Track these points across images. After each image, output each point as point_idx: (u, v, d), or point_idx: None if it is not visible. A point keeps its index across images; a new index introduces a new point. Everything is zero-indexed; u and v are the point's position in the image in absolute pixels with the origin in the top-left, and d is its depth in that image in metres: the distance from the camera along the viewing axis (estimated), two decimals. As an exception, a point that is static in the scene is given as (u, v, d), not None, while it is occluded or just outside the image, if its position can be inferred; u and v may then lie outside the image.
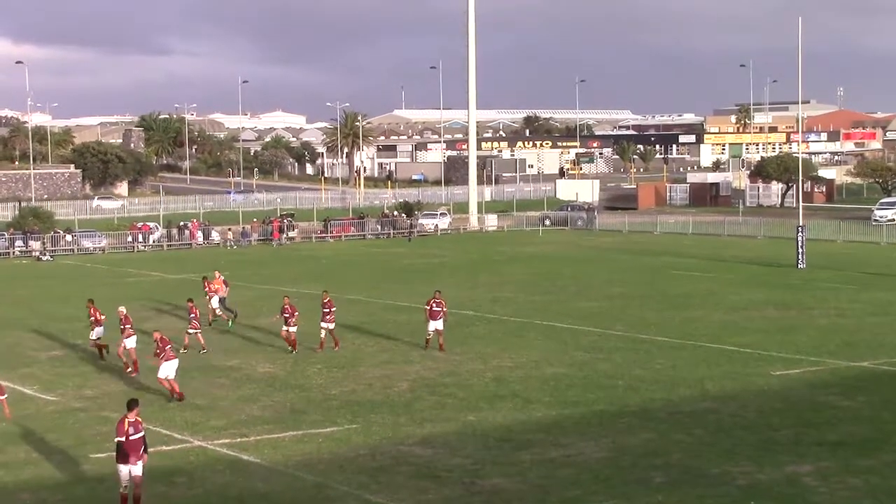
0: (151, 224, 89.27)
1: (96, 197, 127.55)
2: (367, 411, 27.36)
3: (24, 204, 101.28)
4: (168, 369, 28.73)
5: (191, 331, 35.81)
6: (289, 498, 20.48)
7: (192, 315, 35.80)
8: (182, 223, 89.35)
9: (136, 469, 19.11)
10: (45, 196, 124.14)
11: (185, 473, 22.08)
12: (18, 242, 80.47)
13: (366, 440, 24.61)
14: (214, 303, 42.45)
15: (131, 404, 19.76)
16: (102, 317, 34.82)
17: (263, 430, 25.54)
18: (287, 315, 35.13)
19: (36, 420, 26.79)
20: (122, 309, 33.71)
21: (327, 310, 35.38)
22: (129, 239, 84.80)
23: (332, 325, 35.55)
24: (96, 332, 34.65)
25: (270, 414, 27.28)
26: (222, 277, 43.69)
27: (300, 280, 56.76)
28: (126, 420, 19.35)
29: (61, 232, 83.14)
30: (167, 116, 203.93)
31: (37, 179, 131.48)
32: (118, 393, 29.81)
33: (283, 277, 58.47)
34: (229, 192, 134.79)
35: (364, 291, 51.52)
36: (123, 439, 19.10)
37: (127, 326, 32.63)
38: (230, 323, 41.28)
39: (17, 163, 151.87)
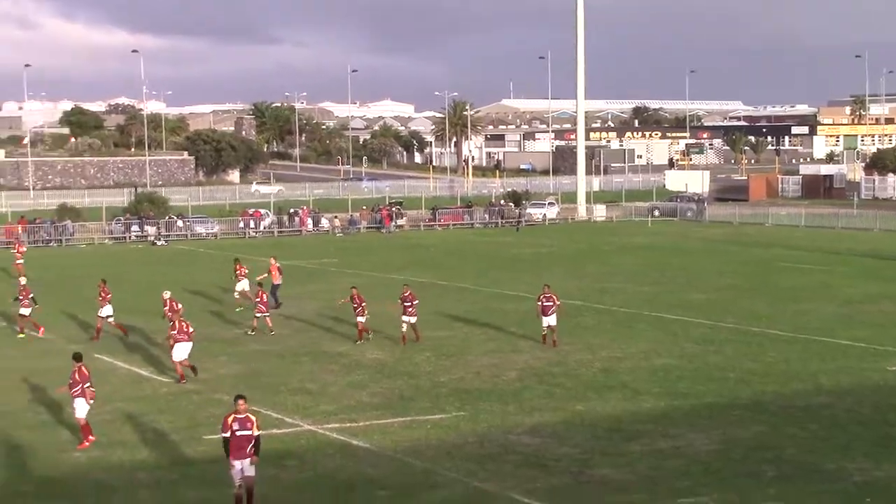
0: (262, 211, 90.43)
1: (255, 182, 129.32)
2: (476, 399, 27.38)
3: (139, 190, 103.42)
4: (181, 351, 29.56)
5: (258, 315, 37.03)
6: (397, 483, 20.58)
7: (259, 300, 37.17)
8: (292, 210, 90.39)
9: (248, 468, 18.52)
10: (160, 182, 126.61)
11: (295, 457, 22.34)
12: (134, 227, 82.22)
13: (474, 428, 24.62)
14: (240, 286, 43.11)
15: (237, 399, 19.02)
16: (108, 295, 36.65)
17: (372, 416, 25.71)
18: (356, 305, 35.30)
19: (151, 401, 27.31)
20: (167, 294, 35.51)
21: (409, 303, 34.97)
22: (241, 225, 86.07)
23: (413, 319, 35.07)
24: (104, 310, 36.47)
25: (379, 400, 27.45)
26: (278, 265, 44.17)
27: (408, 268, 57.02)
28: (232, 416, 18.72)
29: (175, 218, 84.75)
30: (278, 105, 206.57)
31: (151, 166, 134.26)
32: (230, 376, 30.30)
33: (390, 265, 58.78)
34: (360, 179, 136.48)
35: (472, 280, 51.58)
36: (228, 435, 18.60)
37: (170, 312, 33.97)
38: (238, 309, 42.16)
39: (132, 150, 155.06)
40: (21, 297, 37.50)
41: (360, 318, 35.29)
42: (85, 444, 22.98)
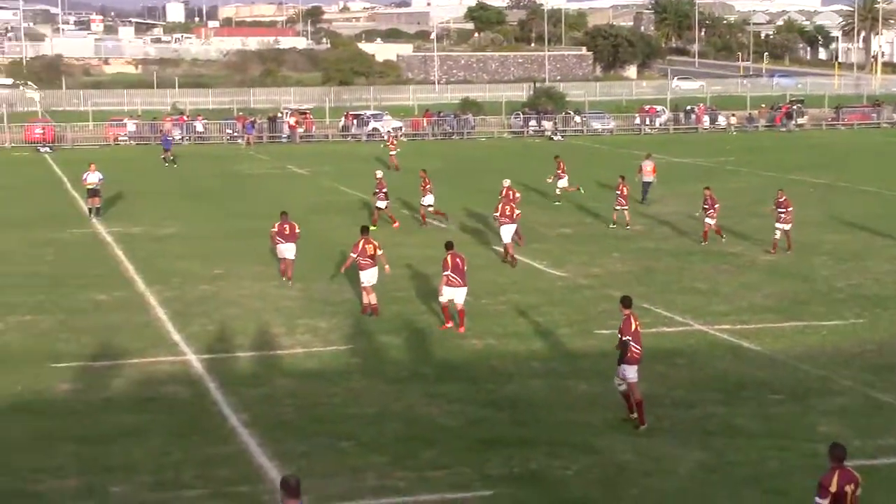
0: (658, 108, 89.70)
1: (675, 78, 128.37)
2: (874, 306, 26.26)
3: (538, 84, 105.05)
4: (506, 233, 31.10)
5: (617, 207, 37.95)
6: (790, 388, 20.15)
7: (619, 193, 37.88)
8: (688, 107, 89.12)
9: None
10: (558, 77, 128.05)
11: (685, 356, 22.30)
12: (532, 122, 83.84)
13: (872, 336, 23.67)
14: (562, 183, 44.03)
15: (625, 300, 18.23)
16: (429, 185, 38.43)
17: (765, 319, 25.21)
18: (707, 207, 34.23)
19: (545, 294, 27.97)
20: (507, 182, 35.31)
21: (783, 210, 32.81)
22: (637, 121, 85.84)
23: (787, 227, 32.78)
24: (426, 199, 38.38)
25: (773, 303, 26.84)
26: (653, 164, 44.44)
27: (805, 168, 55.05)
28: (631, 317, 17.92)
29: (572, 113, 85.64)
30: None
31: (550, 61, 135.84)
32: (623, 273, 30.53)
33: (786, 165, 56.92)
34: (772, 76, 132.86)
35: (876, 183, 49.11)
36: (628, 338, 17.68)
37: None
38: (556, 203, 43.25)
39: (532, 45, 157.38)
40: (377, 191, 38.08)
41: (707, 220, 34.46)
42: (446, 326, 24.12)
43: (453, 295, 23.88)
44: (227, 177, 55.01)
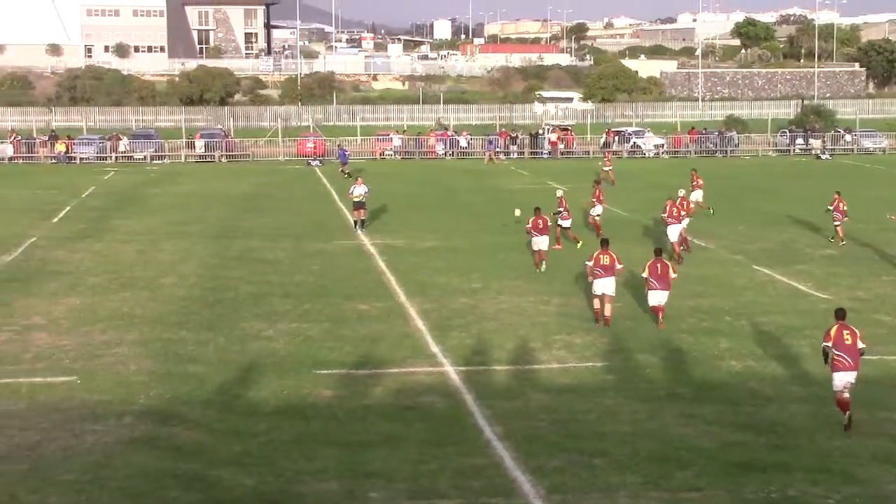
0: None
1: None
2: None
3: (806, 102, 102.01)
4: (673, 232, 31.48)
5: (836, 223, 37.87)
6: None
7: (833, 208, 38.01)
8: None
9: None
10: (828, 94, 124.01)
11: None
12: (799, 140, 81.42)
13: None
14: (695, 196, 43.89)
15: (837, 312, 19.09)
16: (601, 195, 40.39)
17: None
18: None
19: (808, 316, 27.00)
20: (682, 192, 38.15)
21: None
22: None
23: None
24: (595, 209, 40.00)
25: None
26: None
27: None
28: (837, 328, 18.69)
29: (841, 131, 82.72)
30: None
31: (820, 77, 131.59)
32: (892, 296, 29.26)
33: None
34: None
35: None
36: (829, 344, 18.58)
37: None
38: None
39: (801, 60, 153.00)
40: (560, 210, 37.64)
41: None
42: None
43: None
44: (486, 191, 55.80)
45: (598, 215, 40.28)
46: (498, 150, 77.05)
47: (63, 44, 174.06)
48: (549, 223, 33.67)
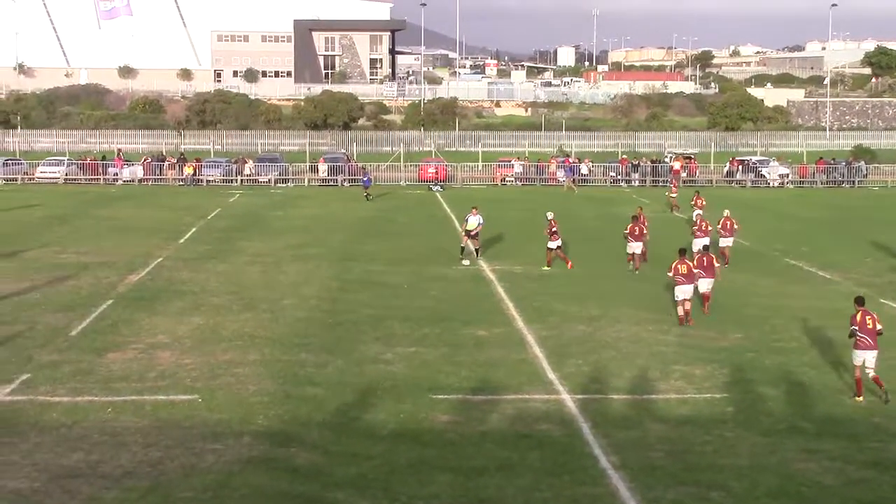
0: None
1: None
2: None
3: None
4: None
5: None
6: None
7: None
8: None
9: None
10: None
11: None
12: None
13: None
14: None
15: (858, 299, 23.10)
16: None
17: None
18: None
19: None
20: (726, 212, 40.40)
21: None
22: None
23: None
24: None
25: None
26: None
27: None
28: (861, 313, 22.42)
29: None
30: None
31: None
32: None
33: None
34: None
35: None
36: (856, 328, 22.30)
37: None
38: None
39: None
40: (550, 231, 39.01)
41: None
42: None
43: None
44: (606, 218, 55.50)
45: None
46: (618, 177, 76.68)
47: (194, 69, 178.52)
48: (646, 231, 38.64)
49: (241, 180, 77.76)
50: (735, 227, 40.45)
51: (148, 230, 49.34)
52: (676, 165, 79.18)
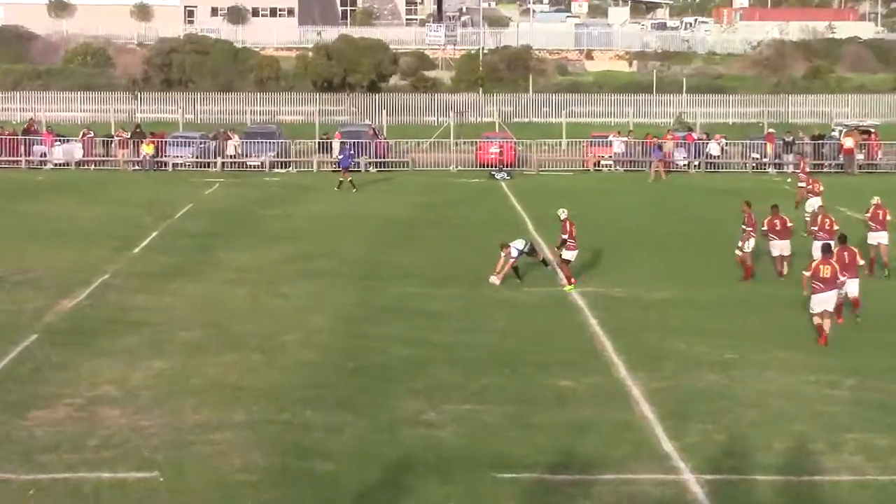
0: None
1: None
2: None
3: None
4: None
5: None
6: None
7: None
8: None
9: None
10: None
11: None
12: None
13: None
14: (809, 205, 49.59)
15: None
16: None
17: None
18: None
19: None
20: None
21: None
22: None
23: None
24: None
25: None
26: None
27: None
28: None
29: None
30: None
31: None
32: None
33: None
34: None
35: None
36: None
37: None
38: None
39: None
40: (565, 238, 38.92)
41: None
42: None
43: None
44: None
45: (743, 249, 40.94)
46: (763, 159, 76.24)
47: (155, 4, 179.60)
48: (791, 224, 40.96)
49: (223, 164, 78.11)
50: (887, 217, 41.92)
51: (89, 234, 49.55)
52: (849, 143, 78.58)
